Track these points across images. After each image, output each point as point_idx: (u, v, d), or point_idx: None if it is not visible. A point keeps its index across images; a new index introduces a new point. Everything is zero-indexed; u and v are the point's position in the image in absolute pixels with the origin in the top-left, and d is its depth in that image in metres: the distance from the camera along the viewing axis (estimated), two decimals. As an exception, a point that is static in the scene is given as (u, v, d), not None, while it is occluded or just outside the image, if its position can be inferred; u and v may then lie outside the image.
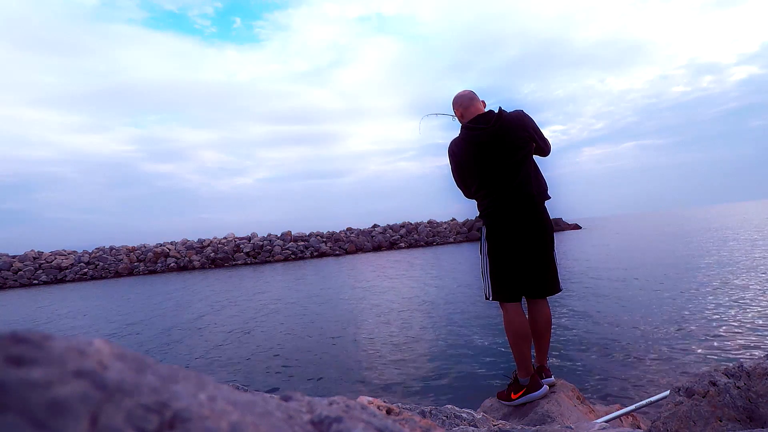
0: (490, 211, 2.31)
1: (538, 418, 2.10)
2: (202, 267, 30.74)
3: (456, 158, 2.40)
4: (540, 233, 2.30)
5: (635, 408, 2.00)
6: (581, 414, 2.20)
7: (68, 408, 0.26)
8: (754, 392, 1.31)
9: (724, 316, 5.16)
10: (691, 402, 1.37)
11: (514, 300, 2.32)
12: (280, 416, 0.39)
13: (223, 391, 0.36)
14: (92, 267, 30.53)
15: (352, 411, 0.48)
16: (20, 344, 0.29)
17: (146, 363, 0.34)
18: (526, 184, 2.26)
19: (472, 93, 2.43)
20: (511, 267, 2.30)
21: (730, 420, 1.28)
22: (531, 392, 2.25)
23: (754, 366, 1.37)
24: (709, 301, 6.08)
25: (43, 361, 0.28)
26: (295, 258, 32.49)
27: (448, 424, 1.63)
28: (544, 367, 2.44)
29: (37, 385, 0.27)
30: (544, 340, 2.40)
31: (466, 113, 2.39)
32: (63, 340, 0.31)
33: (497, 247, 2.32)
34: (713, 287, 7.02)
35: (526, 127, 2.28)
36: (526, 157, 2.29)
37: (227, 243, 33.18)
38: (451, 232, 38.91)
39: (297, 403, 0.46)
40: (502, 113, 2.30)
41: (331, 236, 36.11)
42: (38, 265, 29.89)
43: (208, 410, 0.32)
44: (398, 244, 36.61)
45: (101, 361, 0.31)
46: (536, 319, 2.35)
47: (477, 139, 2.29)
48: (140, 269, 30.68)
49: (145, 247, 32.77)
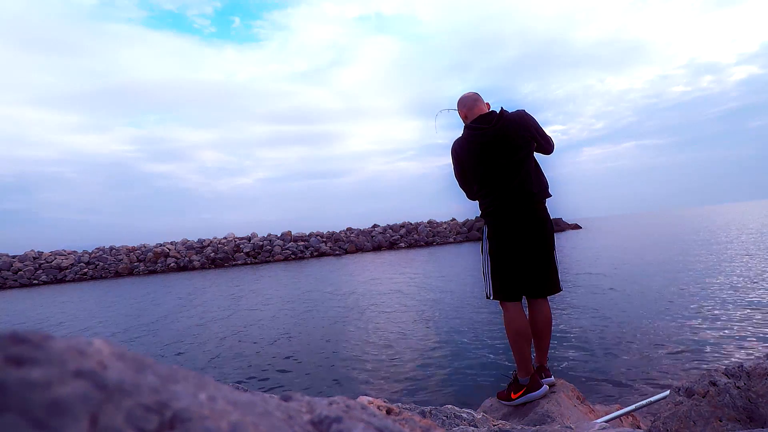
0: (491, 210, 2.33)
1: (538, 418, 2.10)
2: (202, 267, 30.73)
3: (458, 158, 2.43)
4: (540, 233, 2.31)
5: (635, 408, 2.00)
6: (581, 414, 2.20)
7: (68, 408, 0.26)
8: (754, 392, 1.31)
9: (725, 316, 5.16)
10: (691, 402, 1.37)
11: (514, 299, 2.33)
12: (280, 416, 0.39)
13: (223, 391, 0.36)
14: (92, 267, 30.52)
15: (352, 411, 0.48)
16: (20, 344, 0.29)
17: (146, 363, 0.34)
18: (526, 183, 2.28)
19: (476, 95, 2.47)
20: (512, 266, 2.31)
21: (730, 420, 1.28)
22: (531, 392, 2.26)
23: (754, 366, 1.37)
24: (710, 301, 6.08)
25: (43, 361, 0.28)
26: (295, 258, 32.49)
27: (448, 424, 1.63)
28: (544, 367, 2.44)
29: (37, 385, 0.27)
30: (545, 339, 2.40)
31: (470, 114, 2.42)
32: (63, 340, 0.31)
33: (498, 246, 2.33)
34: (714, 287, 7.02)
35: (528, 126, 2.30)
36: (528, 156, 2.31)
37: (227, 243, 33.18)
38: (451, 232, 38.91)
39: (297, 403, 0.46)
40: (504, 113, 2.32)
41: (331, 236, 36.11)
42: (38, 265, 29.89)
43: (208, 410, 0.32)
44: (398, 244, 36.61)
45: (101, 361, 0.31)
46: (536, 318, 2.36)
47: (479, 138, 2.31)
48: (140, 269, 30.67)
49: (145, 247, 32.76)
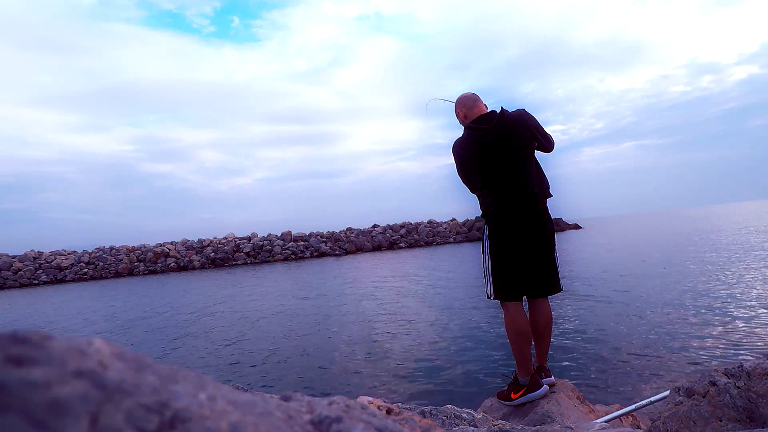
0: (492, 210, 2.33)
1: (538, 418, 2.10)
2: (202, 267, 30.73)
3: (460, 158, 2.43)
4: (541, 233, 2.31)
5: (635, 408, 2.00)
6: (581, 414, 2.20)
7: (68, 408, 0.26)
8: (754, 392, 1.31)
9: (725, 316, 5.16)
10: (691, 402, 1.37)
11: (515, 299, 2.33)
12: (280, 416, 0.39)
13: (223, 391, 0.36)
14: (92, 267, 30.52)
15: (352, 411, 0.48)
16: (20, 344, 0.29)
17: (146, 363, 0.34)
18: (527, 182, 2.28)
19: (475, 95, 2.46)
20: (512, 266, 2.31)
21: (730, 420, 1.28)
22: (531, 392, 2.25)
23: (754, 366, 1.37)
24: (710, 300, 6.08)
25: (43, 361, 0.28)
26: (295, 258, 32.48)
27: (448, 424, 1.63)
28: (544, 367, 2.44)
29: (37, 385, 0.26)
30: (545, 339, 2.40)
31: (470, 114, 2.41)
32: (63, 340, 0.31)
33: (499, 245, 2.33)
34: (714, 287, 7.01)
35: (528, 125, 2.30)
36: (528, 155, 2.31)
37: (227, 243, 33.18)
38: (451, 232, 38.90)
39: (297, 403, 0.46)
40: (504, 113, 2.32)
41: (331, 236, 36.10)
42: (38, 265, 29.88)
43: (208, 410, 0.32)
44: (398, 244, 36.60)
45: (101, 361, 0.31)
46: (537, 318, 2.36)
47: (479, 139, 2.31)
48: (140, 269, 30.67)
49: (145, 247, 32.76)
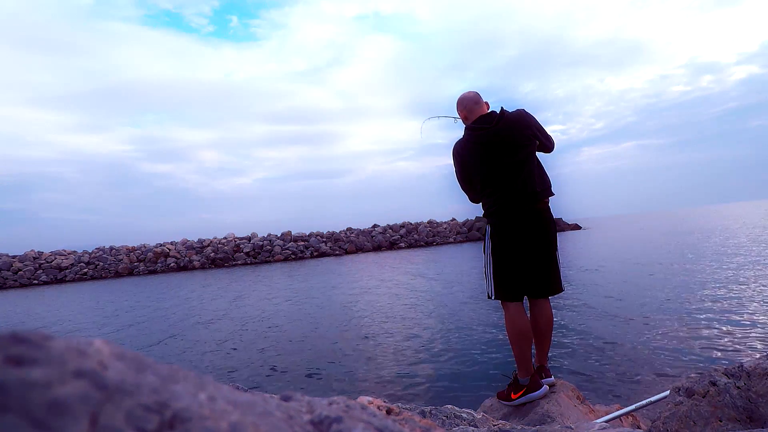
0: (494, 210, 2.33)
1: (538, 418, 2.10)
2: (202, 267, 30.73)
3: (461, 159, 2.41)
4: (543, 233, 2.31)
5: (635, 408, 2.00)
6: (581, 414, 2.20)
7: (68, 408, 0.26)
8: (754, 392, 1.31)
9: (725, 316, 5.16)
10: (691, 402, 1.37)
11: (516, 299, 2.32)
12: (280, 416, 0.39)
13: (223, 391, 0.36)
14: (92, 267, 30.53)
15: (352, 411, 0.48)
16: (20, 344, 0.29)
17: (146, 363, 0.34)
18: (529, 182, 2.27)
19: (476, 95, 2.44)
20: (514, 266, 2.31)
21: (730, 420, 1.28)
22: (531, 392, 2.25)
23: (754, 366, 1.37)
24: (710, 300, 6.08)
25: (43, 361, 0.28)
26: (295, 258, 32.48)
27: (448, 424, 1.63)
28: (544, 367, 2.44)
29: (37, 385, 0.26)
30: (545, 340, 2.40)
31: (471, 114, 2.40)
32: (63, 340, 0.31)
33: (501, 245, 2.33)
34: (714, 287, 7.01)
35: (529, 125, 2.30)
36: (529, 155, 2.31)
37: (227, 243, 33.18)
38: (451, 232, 38.90)
39: (297, 403, 0.46)
40: (504, 113, 2.32)
41: (331, 236, 36.10)
42: (38, 265, 29.89)
43: (208, 410, 0.32)
44: (398, 244, 36.60)
45: (101, 361, 0.31)
46: (538, 318, 2.36)
47: (481, 139, 2.31)
48: (140, 269, 30.67)
49: (145, 247, 32.76)
